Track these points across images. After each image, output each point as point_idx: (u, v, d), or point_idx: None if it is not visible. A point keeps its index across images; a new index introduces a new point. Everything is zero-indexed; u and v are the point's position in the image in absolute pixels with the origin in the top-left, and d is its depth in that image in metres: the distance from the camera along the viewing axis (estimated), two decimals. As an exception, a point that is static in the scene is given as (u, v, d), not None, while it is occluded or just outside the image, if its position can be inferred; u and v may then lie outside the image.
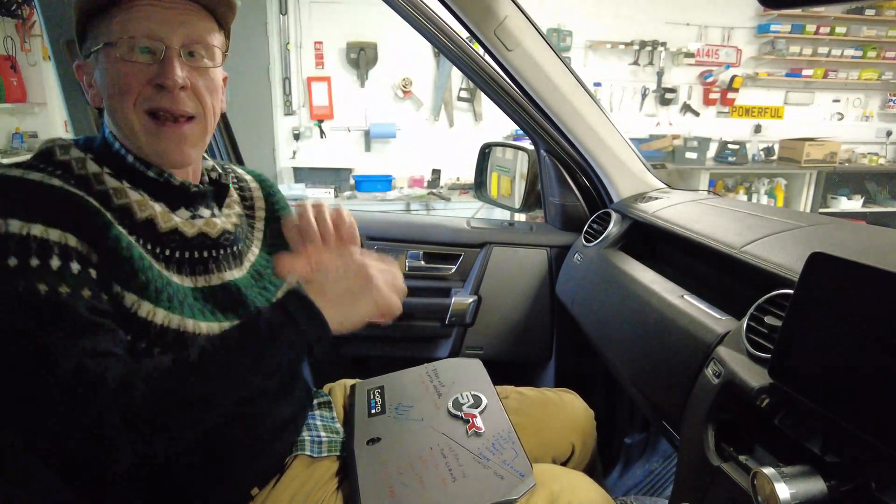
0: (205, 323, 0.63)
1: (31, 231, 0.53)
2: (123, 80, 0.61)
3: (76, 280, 0.54)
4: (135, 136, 0.64)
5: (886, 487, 0.49)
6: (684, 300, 0.86)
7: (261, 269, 0.77)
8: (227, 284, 0.69)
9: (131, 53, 0.61)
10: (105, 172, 0.63)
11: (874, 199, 4.99)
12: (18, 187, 0.55)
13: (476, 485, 0.69)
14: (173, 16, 0.62)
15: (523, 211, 1.56)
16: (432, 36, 1.23)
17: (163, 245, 0.64)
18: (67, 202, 0.56)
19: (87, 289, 0.55)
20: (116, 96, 0.62)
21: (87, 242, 0.56)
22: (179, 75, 0.61)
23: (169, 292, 0.61)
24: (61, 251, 0.54)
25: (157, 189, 0.66)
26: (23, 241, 0.52)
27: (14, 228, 0.52)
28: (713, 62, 4.68)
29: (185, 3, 0.63)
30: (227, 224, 0.73)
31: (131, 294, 0.58)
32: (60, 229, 0.54)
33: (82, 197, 0.57)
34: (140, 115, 0.62)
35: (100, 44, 0.62)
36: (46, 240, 0.53)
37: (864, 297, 0.50)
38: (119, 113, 0.63)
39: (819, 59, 4.76)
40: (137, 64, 0.61)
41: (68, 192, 0.57)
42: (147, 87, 0.62)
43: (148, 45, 0.61)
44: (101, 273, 0.57)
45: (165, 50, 0.61)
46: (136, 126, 0.63)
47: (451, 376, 0.92)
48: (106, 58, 0.62)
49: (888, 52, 4.87)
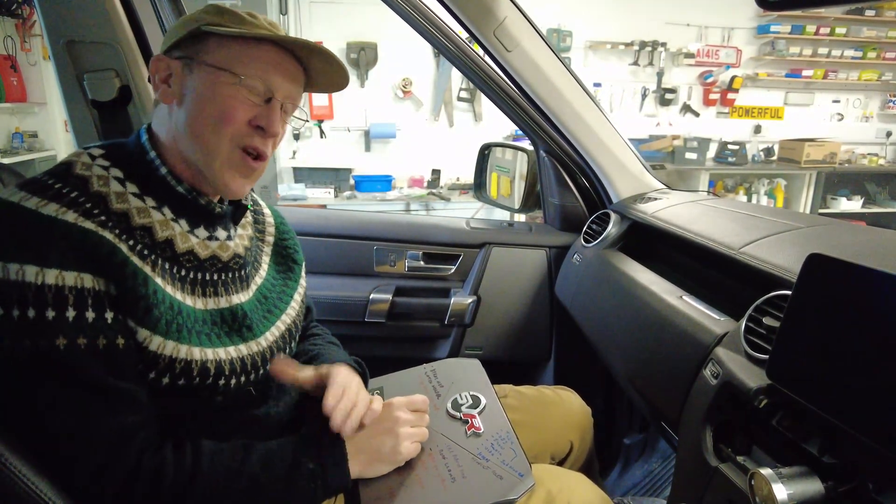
0: (211, 349, 0.64)
1: (45, 279, 0.53)
2: (230, 110, 0.63)
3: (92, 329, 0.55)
4: (213, 158, 0.65)
5: (883, 488, 0.49)
6: (683, 301, 0.86)
7: (266, 293, 0.78)
8: (234, 308, 0.70)
9: (243, 89, 0.63)
10: (129, 192, 0.63)
11: (874, 199, 5.00)
12: (32, 223, 0.54)
13: (475, 485, 0.69)
14: (290, 73, 0.67)
15: (523, 211, 1.57)
16: (432, 36, 1.23)
17: (179, 265, 0.65)
18: (82, 240, 0.56)
19: (104, 337, 0.56)
20: (214, 120, 0.64)
21: (103, 278, 0.56)
22: (279, 127, 0.67)
23: (178, 322, 0.62)
24: (77, 298, 0.54)
25: (181, 205, 0.67)
26: (39, 291, 0.53)
27: (30, 276, 0.52)
28: (713, 63, 4.68)
29: (300, 66, 0.69)
30: (239, 247, 0.74)
31: (144, 330, 0.59)
32: (76, 271, 0.55)
33: (96, 233, 0.57)
34: (232, 146, 0.65)
35: (212, 62, 0.63)
36: (62, 287, 0.54)
37: (861, 298, 0.50)
38: (210, 135, 0.64)
39: (819, 60, 4.76)
40: (244, 101, 0.64)
41: (83, 229, 0.56)
42: (245, 126, 0.65)
43: (262, 88, 0.65)
44: (117, 311, 0.57)
45: (273, 99, 0.66)
46: (223, 152, 0.65)
47: (449, 377, 0.92)
48: (214, 79, 0.63)
49: (888, 52, 4.87)
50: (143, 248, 0.61)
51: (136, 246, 0.60)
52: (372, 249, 1.43)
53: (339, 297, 1.39)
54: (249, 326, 0.71)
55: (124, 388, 0.58)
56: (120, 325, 0.57)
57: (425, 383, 0.92)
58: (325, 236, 1.43)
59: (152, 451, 0.59)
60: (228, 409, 0.67)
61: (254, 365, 0.69)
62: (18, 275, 0.52)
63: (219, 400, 0.65)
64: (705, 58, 4.66)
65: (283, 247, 0.87)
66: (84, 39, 1.08)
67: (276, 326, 0.76)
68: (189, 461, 0.60)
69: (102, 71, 1.09)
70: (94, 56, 1.08)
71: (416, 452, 0.73)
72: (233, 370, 0.66)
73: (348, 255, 1.44)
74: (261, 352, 0.71)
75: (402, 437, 0.71)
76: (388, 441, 0.71)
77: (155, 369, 0.60)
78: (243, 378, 0.67)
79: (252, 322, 0.71)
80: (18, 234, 0.54)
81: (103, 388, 0.56)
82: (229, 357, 0.66)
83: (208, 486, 0.60)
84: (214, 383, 0.64)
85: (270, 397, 0.73)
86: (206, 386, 0.63)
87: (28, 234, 0.54)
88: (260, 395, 0.71)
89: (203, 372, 0.63)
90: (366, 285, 1.41)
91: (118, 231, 0.59)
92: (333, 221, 1.47)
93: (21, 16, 3.61)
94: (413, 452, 0.73)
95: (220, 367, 0.64)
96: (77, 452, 0.55)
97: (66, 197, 0.57)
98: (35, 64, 3.77)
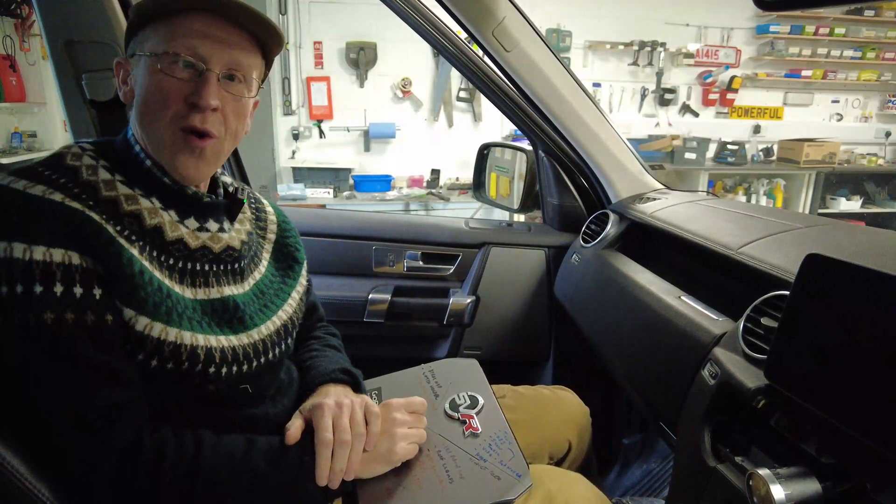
0: (202, 335, 0.64)
1: (33, 255, 0.53)
2: (162, 94, 0.62)
3: (80, 305, 0.55)
4: (161, 147, 0.65)
5: (881, 488, 0.49)
6: (681, 301, 0.86)
7: (264, 288, 0.77)
8: (225, 299, 0.69)
9: (173, 67, 0.62)
10: (117, 180, 0.63)
11: (873, 199, 5.00)
12: (19, 203, 0.55)
13: (473, 486, 0.69)
14: (221, 38, 0.64)
15: (522, 211, 1.56)
16: (431, 36, 1.23)
17: (167, 253, 0.65)
18: (69, 219, 0.56)
19: (92, 313, 0.56)
20: (153, 107, 0.63)
21: (90, 257, 0.57)
22: (214, 99, 0.63)
23: (168, 304, 0.61)
24: (64, 274, 0.55)
25: (169, 196, 0.67)
26: (26, 267, 0.53)
27: (18, 253, 0.53)
28: (712, 63, 4.68)
29: (235, 30, 0.65)
30: (234, 241, 0.73)
31: (129, 310, 0.59)
32: (63, 248, 0.55)
33: (83, 212, 0.57)
34: (174, 130, 0.64)
35: (145, 50, 0.63)
36: (49, 263, 0.54)
37: (859, 298, 0.50)
38: (152, 123, 0.64)
39: (818, 60, 4.77)
40: (176, 80, 0.62)
41: (69, 208, 0.57)
42: (183, 105, 0.63)
43: (191, 61, 0.62)
44: (104, 289, 0.57)
45: (205, 71, 0.63)
46: (166, 138, 0.64)
47: (447, 377, 0.92)
48: (148, 66, 0.63)
49: (887, 52, 4.88)
50: (130, 234, 0.61)
51: (124, 231, 0.60)
52: (371, 249, 1.43)
53: (338, 296, 1.39)
54: (241, 319, 0.70)
55: (114, 365, 0.57)
56: (108, 303, 0.57)
57: (423, 383, 0.92)
58: (324, 236, 1.43)
59: (150, 430, 0.59)
60: (225, 407, 0.67)
61: (246, 356, 0.68)
62: (6, 252, 0.53)
63: (211, 389, 0.64)
64: (705, 58, 4.66)
65: (284, 244, 0.86)
66: (83, 39, 1.08)
67: (272, 321, 0.75)
68: (190, 446, 0.60)
69: (101, 71, 1.09)
70: (92, 56, 1.08)
71: (413, 454, 0.73)
72: (223, 358, 0.65)
73: (347, 255, 1.44)
74: (253, 343, 0.70)
75: (398, 438, 0.71)
76: (385, 442, 0.70)
77: (142, 351, 0.59)
78: (235, 368, 0.66)
79: (245, 315, 0.71)
80: (6, 213, 0.55)
81: (92, 363, 0.56)
82: (220, 345, 0.65)
83: (211, 474, 0.59)
84: (204, 370, 0.63)
85: (268, 397, 0.73)
86: (195, 373, 0.62)
87: (16, 213, 0.55)
88: (257, 395, 0.70)
89: (192, 357, 0.62)
90: (364, 285, 1.41)
91: (106, 216, 0.59)
92: (332, 221, 1.47)
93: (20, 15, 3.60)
94: (410, 453, 0.72)
95: (210, 354, 0.63)
96: (71, 429, 0.55)
97: (55, 182, 0.58)
98: (34, 64, 3.77)
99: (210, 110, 0.63)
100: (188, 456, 0.59)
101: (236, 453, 0.62)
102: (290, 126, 4.24)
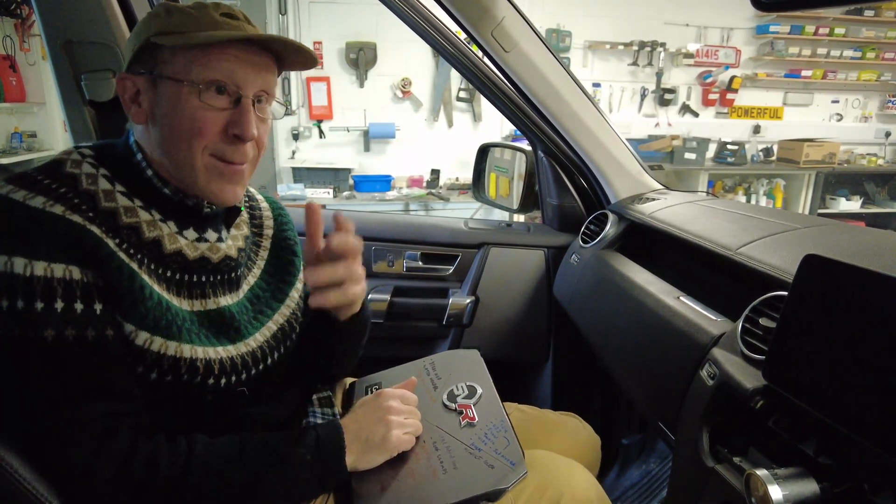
0: (200, 347, 0.64)
1: (34, 271, 0.53)
2: (197, 124, 0.61)
3: (81, 321, 0.55)
4: (192, 173, 0.64)
5: (879, 490, 0.49)
6: (680, 301, 0.86)
7: (258, 294, 0.77)
8: (221, 309, 0.69)
9: (207, 95, 0.61)
10: (117, 190, 0.62)
11: (873, 200, 4.99)
12: (19, 215, 0.55)
13: (467, 475, 0.69)
14: (255, 63, 0.63)
15: (521, 212, 1.56)
16: (430, 37, 1.23)
17: (165, 266, 0.65)
18: (70, 233, 0.56)
19: (92, 328, 0.56)
20: (184, 136, 0.62)
21: (91, 271, 0.56)
22: (254, 128, 0.63)
23: (168, 318, 0.61)
24: (65, 290, 0.55)
25: (168, 207, 0.66)
26: (28, 283, 0.53)
27: (18, 268, 0.53)
28: (712, 63, 4.68)
29: (265, 55, 0.65)
30: (232, 249, 0.73)
31: (129, 324, 0.59)
32: (64, 263, 0.55)
33: (83, 226, 0.57)
34: (207, 158, 0.63)
35: (172, 73, 0.61)
36: (51, 279, 0.54)
37: (857, 299, 0.50)
38: (182, 151, 0.62)
39: (818, 60, 4.76)
40: (212, 109, 0.61)
41: (70, 221, 0.56)
42: (220, 136, 0.63)
43: (226, 87, 0.62)
44: (105, 303, 0.57)
45: (242, 99, 0.62)
46: (198, 165, 0.63)
47: (447, 368, 0.92)
48: (176, 92, 0.61)
49: (887, 52, 4.87)
50: (129, 247, 0.61)
51: (123, 244, 0.60)
52: (370, 249, 1.43)
53: (338, 297, 1.38)
54: (237, 328, 0.70)
55: (114, 379, 0.57)
56: (109, 317, 0.57)
57: (423, 376, 0.91)
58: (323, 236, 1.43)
59: (145, 436, 0.59)
60: (222, 408, 0.67)
61: (244, 365, 0.69)
62: (7, 266, 0.53)
63: (209, 399, 0.65)
64: (704, 58, 4.66)
65: (282, 238, 0.85)
66: (82, 40, 1.08)
67: (268, 327, 0.75)
68: (184, 449, 0.60)
69: (100, 71, 1.09)
70: (91, 56, 1.08)
71: (409, 444, 0.72)
72: (222, 369, 0.65)
73: (346, 255, 1.43)
74: (250, 352, 0.70)
75: (392, 426, 0.70)
76: (380, 429, 0.70)
77: (142, 364, 0.60)
78: (234, 378, 0.67)
79: (240, 324, 0.71)
80: (6, 226, 0.54)
81: (92, 378, 0.56)
82: (218, 356, 0.65)
83: (205, 474, 0.59)
84: (203, 382, 0.63)
85: (265, 397, 0.73)
86: (195, 384, 0.63)
87: (16, 226, 0.54)
88: (254, 395, 0.70)
89: (192, 370, 0.62)
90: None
91: (105, 228, 0.59)
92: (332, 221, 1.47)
93: (20, 15, 3.60)
94: (405, 443, 0.71)
95: (209, 366, 0.64)
96: (67, 441, 0.54)
97: (55, 192, 0.58)
98: (34, 64, 3.76)
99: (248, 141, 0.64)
100: (182, 458, 0.59)
101: (229, 452, 0.62)
102: (290, 126, 4.23)
